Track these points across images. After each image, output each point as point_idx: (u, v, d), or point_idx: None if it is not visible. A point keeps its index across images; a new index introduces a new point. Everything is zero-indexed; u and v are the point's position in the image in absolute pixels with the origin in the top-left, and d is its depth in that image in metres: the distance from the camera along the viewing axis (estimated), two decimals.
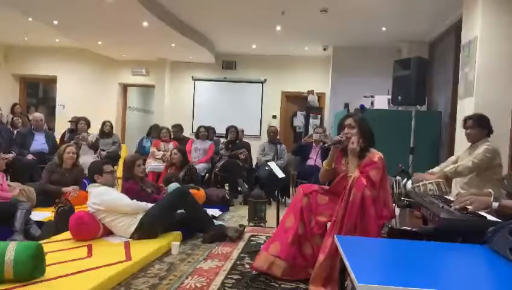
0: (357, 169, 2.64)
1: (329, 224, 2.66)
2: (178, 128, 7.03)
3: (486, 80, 4.20)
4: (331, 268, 2.47)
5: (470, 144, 3.46)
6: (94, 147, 6.10)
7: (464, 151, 3.51)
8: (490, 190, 2.27)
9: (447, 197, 2.66)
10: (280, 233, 2.80)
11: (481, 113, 3.51)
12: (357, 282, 1.27)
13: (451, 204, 2.15)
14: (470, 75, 4.38)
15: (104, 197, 3.40)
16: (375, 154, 2.67)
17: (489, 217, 1.96)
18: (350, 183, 2.59)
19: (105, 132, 6.59)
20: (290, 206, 2.89)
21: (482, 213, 2.03)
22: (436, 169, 3.50)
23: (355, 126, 2.74)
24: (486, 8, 4.24)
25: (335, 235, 1.95)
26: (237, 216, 5.01)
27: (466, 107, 4.38)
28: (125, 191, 3.89)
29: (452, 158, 3.64)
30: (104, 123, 6.69)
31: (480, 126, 3.35)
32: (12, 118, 7.34)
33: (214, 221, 3.95)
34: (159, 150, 6.30)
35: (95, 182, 3.59)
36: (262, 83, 9.42)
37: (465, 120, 3.46)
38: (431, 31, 6.67)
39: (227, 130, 6.68)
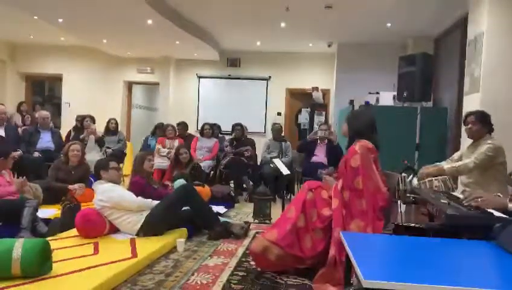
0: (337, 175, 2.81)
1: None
2: (183, 125, 7.05)
3: (492, 75, 4.17)
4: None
5: (472, 140, 3.42)
6: (100, 143, 6.13)
7: (467, 148, 3.47)
8: (499, 194, 2.26)
9: (453, 193, 2.65)
10: (280, 222, 2.84)
11: (483, 110, 3.48)
12: (363, 278, 1.27)
13: (464, 201, 2.13)
14: (476, 71, 4.35)
15: (110, 194, 3.42)
16: (358, 143, 2.76)
17: (496, 214, 1.95)
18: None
19: (111, 129, 6.62)
20: (293, 199, 2.94)
21: (489, 209, 2.01)
22: (443, 163, 3.48)
23: (346, 120, 2.99)
24: (492, 4, 4.20)
25: (340, 231, 1.95)
26: (242, 213, 5.02)
27: (472, 103, 4.35)
28: (132, 184, 3.93)
29: (457, 154, 3.61)
30: (109, 121, 6.73)
31: (481, 122, 3.30)
32: (24, 116, 7.41)
33: (219, 218, 3.96)
34: (164, 148, 6.32)
35: (101, 179, 3.61)
36: (266, 80, 9.40)
37: (466, 116, 3.43)
38: (436, 27, 6.62)
39: (233, 127, 6.68)
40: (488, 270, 1.56)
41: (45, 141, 5.74)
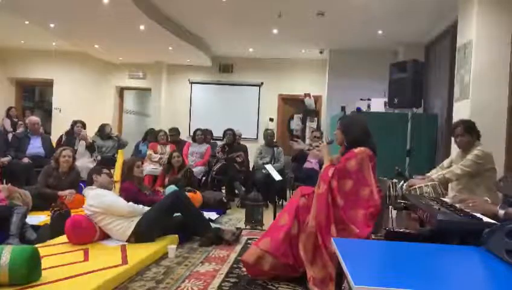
0: (329, 162, 2.80)
1: None
2: (175, 131, 7.03)
3: (481, 82, 4.23)
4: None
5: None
6: (90, 149, 6.08)
7: (456, 155, 3.51)
8: (487, 198, 2.29)
9: (443, 199, 2.67)
10: (273, 230, 2.82)
11: (467, 119, 3.53)
12: (354, 284, 1.27)
13: (456, 205, 2.15)
14: (465, 78, 4.40)
15: (100, 200, 3.39)
16: (359, 148, 2.74)
17: (486, 219, 1.96)
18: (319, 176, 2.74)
19: (110, 135, 6.60)
20: (286, 206, 2.94)
21: (478, 215, 2.03)
22: (433, 172, 3.51)
23: (338, 128, 2.92)
24: (481, 11, 4.26)
25: (332, 238, 1.95)
26: (234, 219, 5.00)
27: (462, 110, 4.40)
28: (123, 191, 3.91)
29: (447, 161, 3.64)
30: (105, 125, 6.69)
31: (469, 132, 3.33)
32: (17, 122, 7.34)
33: (211, 224, 3.95)
34: (156, 153, 6.29)
35: (91, 184, 3.58)
36: (259, 86, 9.43)
37: (454, 128, 3.44)
38: (427, 34, 6.70)
39: (225, 133, 6.68)
40: (478, 276, 1.57)
41: (35, 146, 5.69)
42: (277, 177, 4.75)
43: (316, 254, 2.59)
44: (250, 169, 6.61)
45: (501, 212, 1.97)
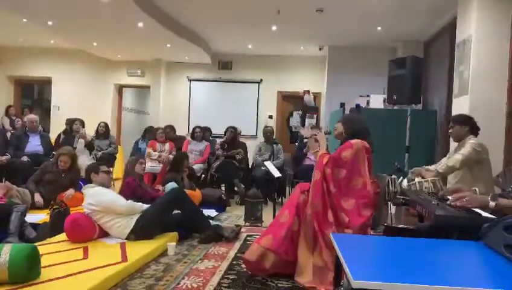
0: (324, 150, 2.86)
1: None
2: (170, 128, 7.02)
3: (480, 78, 4.23)
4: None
5: (457, 143, 3.52)
6: (89, 147, 6.07)
7: (453, 151, 3.55)
8: (475, 188, 2.31)
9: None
10: (274, 227, 2.83)
11: (461, 113, 3.63)
12: (353, 278, 1.27)
13: (449, 200, 2.16)
14: (464, 74, 4.40)
15: (99, 198, 3.39)
16: (355, 140, 2.77)
17: (484, 214, 1.97)
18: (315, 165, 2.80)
19: (100, 132, 6.56)
20: (286, 202, 2.95)
21: (477, 210, 2.03)
22: (432, 167, 3.53)
23: (340, 121, 3.00)
24: (480, 7, 4.26)
25: (331, 233, 1.96)
26: (233, 216, 5.01)
27: (461, 106, 4.40)
28: (125, 185, 3.97)
29: (444, 159, 3.67)
30: (98, 124, 6.68)
31: (458, 123, 3.45)
32: (14, 120, 7.32)
33: (210, 221, 3.95)
34: (154, 151, 6.28)
35: (91, 182, 3.58)
36: (258, 83, 9.42)
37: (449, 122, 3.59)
38: (426, 31, 6.70)
39: (227, 130, 6.66)
40: (476, 270, 1.57)
41: (34, 144, 5.68)
42: (276, 174, 4.76)
43: (316, 241, 2.62)
44: (250, 166, 6.60)
45: (492, 203, 1.98)
